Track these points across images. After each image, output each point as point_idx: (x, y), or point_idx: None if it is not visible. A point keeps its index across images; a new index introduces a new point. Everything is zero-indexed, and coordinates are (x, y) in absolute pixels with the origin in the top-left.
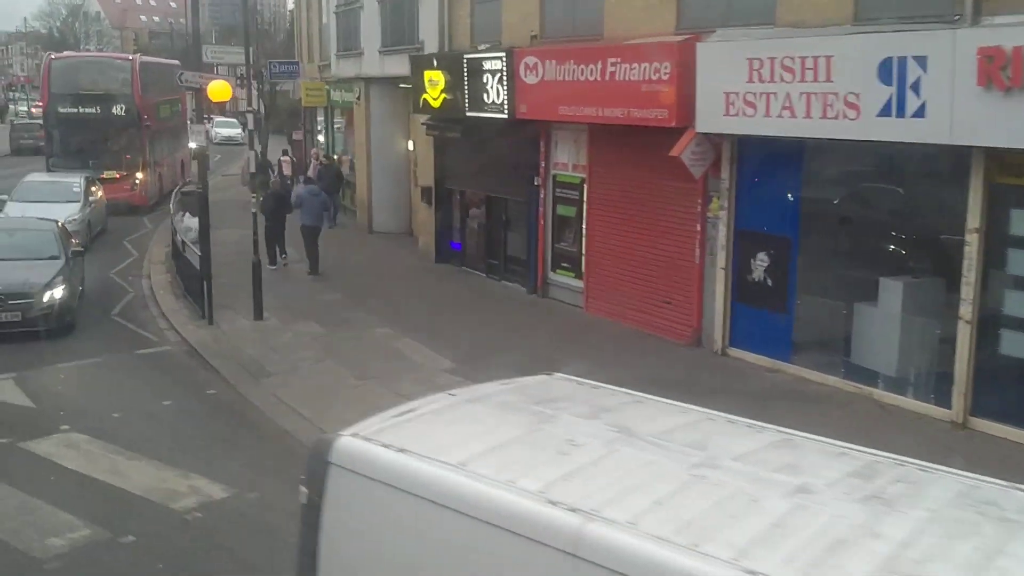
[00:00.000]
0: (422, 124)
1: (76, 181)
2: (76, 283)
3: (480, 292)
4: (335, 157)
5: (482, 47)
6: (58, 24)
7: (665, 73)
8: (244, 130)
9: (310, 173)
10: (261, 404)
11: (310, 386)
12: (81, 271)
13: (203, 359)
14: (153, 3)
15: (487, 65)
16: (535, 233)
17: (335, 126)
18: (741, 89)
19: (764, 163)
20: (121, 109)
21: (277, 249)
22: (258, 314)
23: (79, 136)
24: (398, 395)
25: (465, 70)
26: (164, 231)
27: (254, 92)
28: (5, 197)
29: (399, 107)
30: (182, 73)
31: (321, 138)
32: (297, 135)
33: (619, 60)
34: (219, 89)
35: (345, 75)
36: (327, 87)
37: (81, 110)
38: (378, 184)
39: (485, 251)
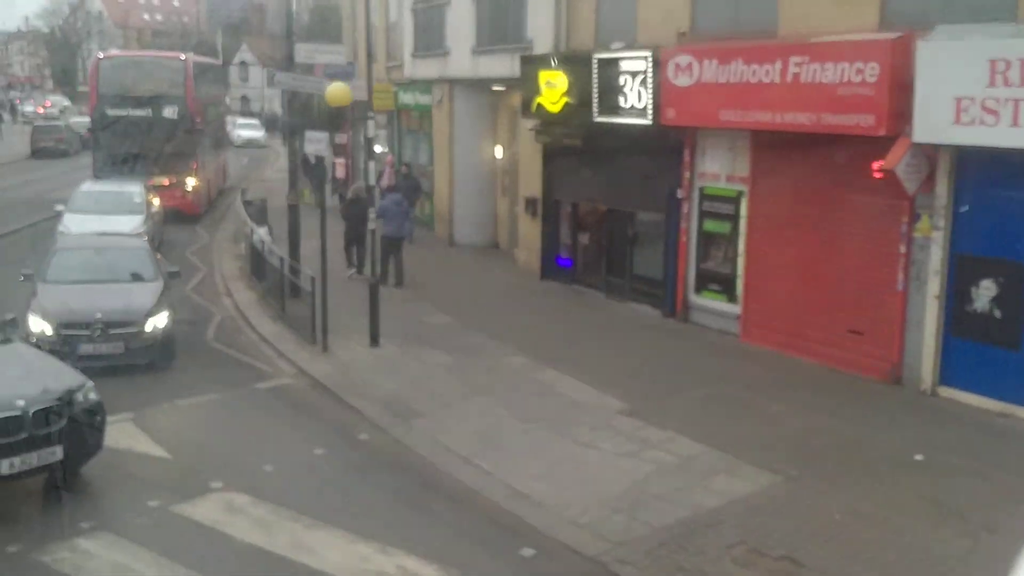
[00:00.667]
0: (529, 130)
1: (136, 190)
2: (174, 308)
3: (605, 314)
4: (408, 166)
5: (615, 45)
6: (60, 23)
7: (872, 75)
8: (271, 131)
9: (384, 183)
10: (427, 453)
11: (472, 430)
12: None
13: (334, 395)
14: (156, 2)
15: (625, 66)
16: (674, 251)
17: (397, 131)
18: (978, 94)
19: (993, 178)
20: (173, 111)
21: (355, 259)
22: (374, 340)
23: (128, 140)
24: (579, 443)
25: (595, 71)
26: (224, 241)
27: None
28: (61, 207)
29: (485, 111)
30: (275, 73)
31: (379, 145)
32: (341, 138)
33: (806, 59)
34: (339, 93)
35: (423, 76)
36: (395, 89)
37: (131, 112)
38: (461, 193)
39: (604, 269)
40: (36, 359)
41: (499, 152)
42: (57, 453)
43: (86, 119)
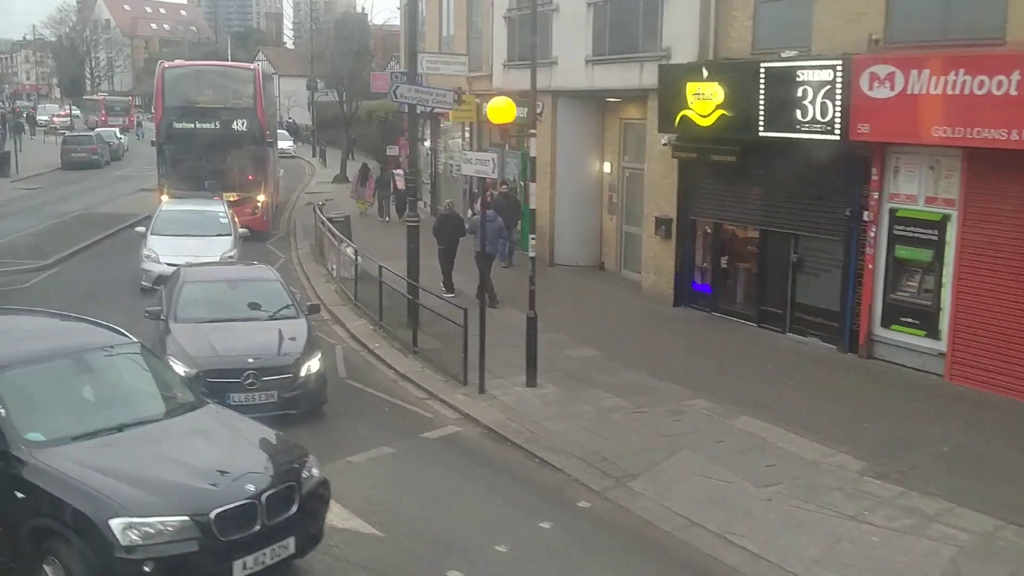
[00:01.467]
0: (665, 145)
1: (220, 210)
2: (323, 348)
3: (765, 347)
4: (507, 183)
5: (788, 54)
6: (67, 31)
7: None
8: (295, 141)
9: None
10: (669, 527)
11: (704, 496)
12: None
13: (520, 448)
14: (163, 11)
15: (805, 76)
16: (855, 279)
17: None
18: None
19: None
20: (242, 124)
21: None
22: (531, 380)
23: (196, 154)
24: (843, 516)
25: (762, 82)
26: (306, 261)
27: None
28: (142, 229)
29: (592, 123)
30: (397, 87)
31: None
32: (392, 150)
33: None
34: (502, 109)
35: (519, 87)
36: (476, 100)
37: (198, 125)
38: (562, 211)
39: (756, 296)
40: (243, 425)
41: (607, 167)
42: (290, 547)
43: (111, 130)
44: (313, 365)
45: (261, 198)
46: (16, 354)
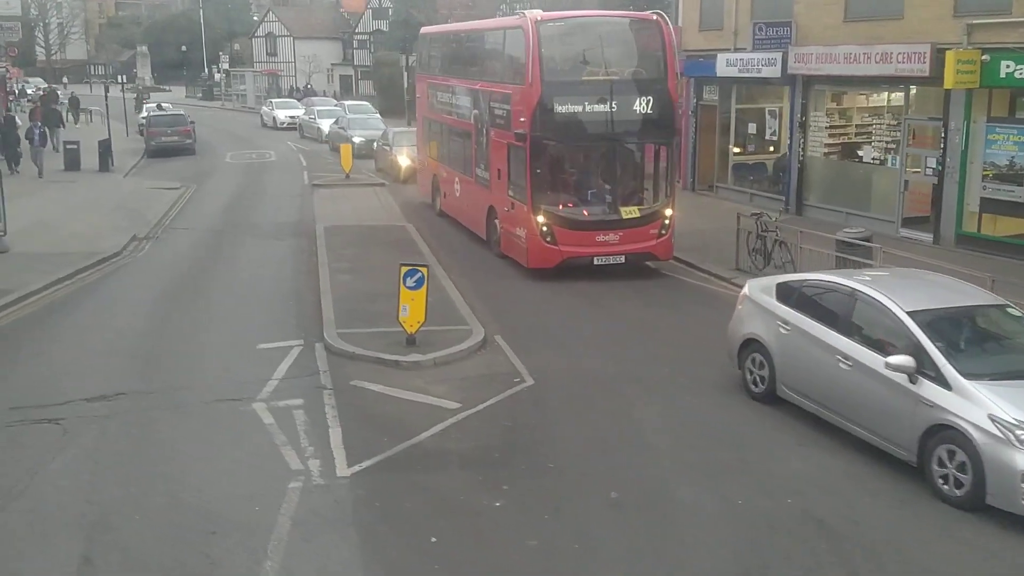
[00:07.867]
0: None
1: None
2: None
3: None
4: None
5: None
6: None
7: None
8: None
9: None
10: None
11: None
12: None
13: None
14: None
15: None
16: None
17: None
18: None
19: None
20: (647, 104)
21: None
22: None
23: (585, 152)
24: None
25: None
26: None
27: None
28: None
29: None
30: None
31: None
32: None
33: None
34: None
35: None
36: (982, 59)
37: (588, 108)
38: None
39: None
40: None
41: None
42: None
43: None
44: None
45: (669, 212)
46: None
